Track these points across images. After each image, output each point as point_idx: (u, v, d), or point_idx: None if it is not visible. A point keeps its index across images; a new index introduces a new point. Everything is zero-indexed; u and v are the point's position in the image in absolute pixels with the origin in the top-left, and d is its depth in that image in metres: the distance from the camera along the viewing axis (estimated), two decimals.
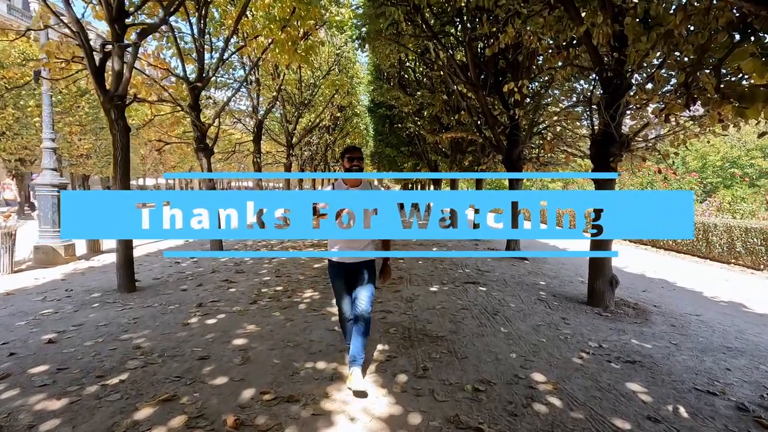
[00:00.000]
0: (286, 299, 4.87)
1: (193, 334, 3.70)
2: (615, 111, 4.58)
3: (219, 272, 6.32)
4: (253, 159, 10.76)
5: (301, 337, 3.70)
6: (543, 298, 5.26)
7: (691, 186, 12.78)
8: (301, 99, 12.87)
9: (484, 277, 6.41)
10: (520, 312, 4.64)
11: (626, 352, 3.57)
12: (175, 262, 7.00)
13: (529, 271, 7.13)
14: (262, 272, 6.36)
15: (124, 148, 4.92)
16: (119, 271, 5.03)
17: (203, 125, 7.87)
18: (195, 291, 5.18)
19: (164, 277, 5.92)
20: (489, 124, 8.19)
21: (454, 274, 6.63)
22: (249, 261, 7.28)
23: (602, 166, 4.92)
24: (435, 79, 11.61)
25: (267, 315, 4.27)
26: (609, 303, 4.98)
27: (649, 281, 6.99)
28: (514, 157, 8.08)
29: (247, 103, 11.14)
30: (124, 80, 4.80)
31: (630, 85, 4.63)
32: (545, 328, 4.12)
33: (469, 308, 4.72)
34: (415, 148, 17.88)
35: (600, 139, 4.90)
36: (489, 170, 11.57)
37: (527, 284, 6.07)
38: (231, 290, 5.25)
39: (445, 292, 5.39)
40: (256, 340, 3.60)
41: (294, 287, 5.46)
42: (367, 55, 15.12)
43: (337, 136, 21.73)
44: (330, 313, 4.37)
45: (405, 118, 15.11)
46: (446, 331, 3.96)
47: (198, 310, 4.37)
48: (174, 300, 4.77)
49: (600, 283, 5.03)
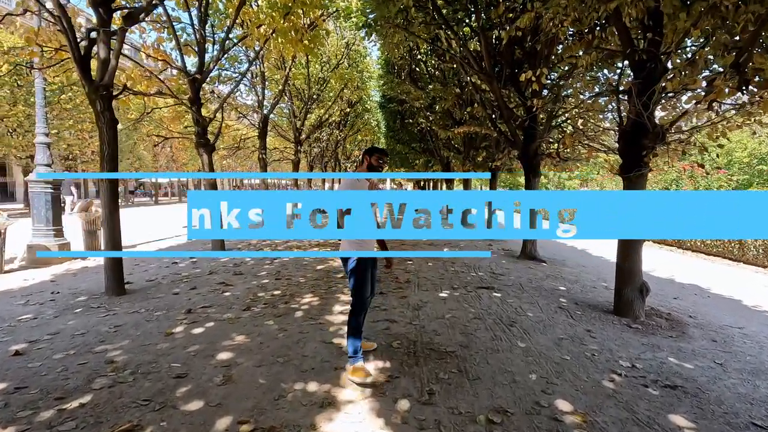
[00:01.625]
0: (283, 305, 4.50)
1: (174, 345, 3.35)
2: (648, 99, 4.07)
3: (217, 274, 6.00)
4: (259, 155, 10.44)
5: (293, 351, 3.32)
6: (564, 307, 4.78)
7: (720, 184, 12.03)
8: (310, 94, 12.50)
9: (498, 282, 5.95)
10: (539, 323, 4.18)
11: (664, 374, 3.10)
12: (173, 263, 6.71)
13: (548, 274, 6.63)
14: (261, 274, 6.01)
15: (112, 142, 4.61)
16: (107, 273, 4.73)
17: (204, 120, 7.56)
18: (187, 295, 4.85)
19: (158, 279, 5.61)
20: (504, 117, 7.69)
21: (466, 277, 6.18)
22: (250, 261, 6.94)
23: (632, 161, 4.42)
24: (447, 72, 11.13)
25: (259, 324, 3.90)
26: (639, 313, 4.48)
27: (679, 287, 6.43)
28: (530, 153, 7.58)
29: (253, 98, 10.81)
30: (111, 68, 4.47)
31: (665, 69, 4.12)
32: (568, 343, 3.65)
33: (482, 318, 4.27)
34: (427, 144, 17.41)
35: (630, 130, 4.40)
36: (504, 167, 11.05)
37: (546, 290, 5.59)
38: (225, 294, 4.91)
39: (455, 299, 4.95)
40: (243, 354, 3.23)
41: (293, 291, 5.09)
42: (378, 48, 14.68)
43: (347, 132, 21.35)
44: (328, 323, 3.98)
45: (416, 113, 14.65)
46: (456, 345, 3.53)
47: (186, 317, 4.03)
48: (163, 305, 4.43)
49: (628, 291, 4.53)
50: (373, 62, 17.91)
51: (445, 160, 16.24)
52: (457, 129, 9.07)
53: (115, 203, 4.73)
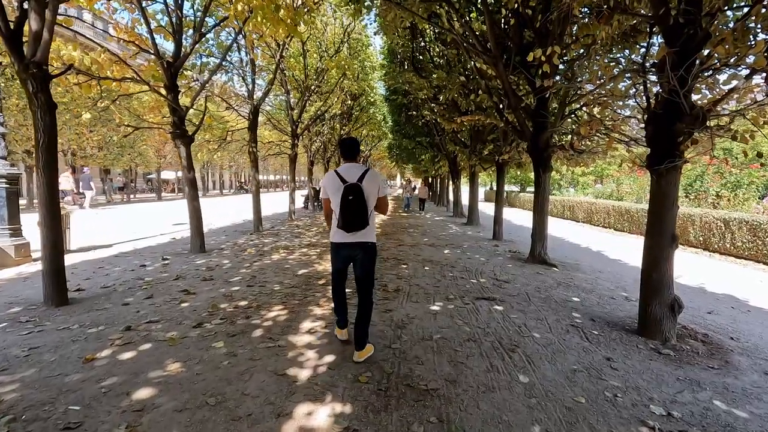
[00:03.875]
0: (243, 320, 3.83)
1: (87, 378, 2.70)
2: (686, 72, 3.28)
3: (184, 279, 5.36)
4: (249, 149, 9.80)
5: (233, 386, 2.64)
6: (578, 324, 4.02)
7: (752, 180, 11.02)
8: (306, 84, 11.80)
9: (501, 291, 5.20)
10: (546, 346, 3.43)
11: (711, 426, 2.35)
12: (141, 265, 6.10)
13: (559, 281, 5.86)
14: (233, 280, 5.36)
15: (48, 129, 3.97)
16: (46, 280, 4.12)
17: (181, 109, 6.93)
18: (138, 306, 4.21)
19: (115, 285, 4.99)
20: (511, 104, 6.90)
21: (464, 285, 5.45)
22: (226, 264, 6.30)
23: (663, 150, 3.63)
24: (452, 59, 10.34)
25: (205, 346, 3.24)
26: (669, 334, 3.71)
27: (712, 298, 5.60)
28: (541, 145, 6.78)
29: (244, 88, 10.16)
30: (44, 43, 3.84)
31: (708, 35, 3.31)
32: (583, 377, 2.91)
33: (477, 339, 3.54)
34: (433, 138, 16.62)
35: (661, 113, 3.61)
36: (512, 161, 10.24)
37: (556, 301, 4.83)
38: (183, 305, 4.26)
39: (449, 313, 4.22)
40: (167, 391, 2.56)
41: (262, 302, 4.42)
42: (379, 35, 13.90)
43: (351, 127, 20.64)
44: (290, 345, 3.30)
45: (421, 105, 13.87)
46: (441, 379, 2.81)
47: (121, 337, 3.38)
48: (103, 319, 3.80)
49: (657, 307, 3.75)
50: (376, 53, 17.16)
51: (451, 155, 15.45)
52: (460, 119, 8.29)
53: (54, 201, 4.10)
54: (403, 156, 28.54)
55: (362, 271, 3.04)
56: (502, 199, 10.50)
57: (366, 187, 2.94)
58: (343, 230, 2.96)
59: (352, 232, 2.96)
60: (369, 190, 2.96)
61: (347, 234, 2.97)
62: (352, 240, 2.99)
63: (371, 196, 2.99)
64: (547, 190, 7.05)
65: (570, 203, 17.68)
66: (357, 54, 13.99)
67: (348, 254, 3.06)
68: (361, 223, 2.93)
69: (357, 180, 2.94)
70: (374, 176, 3.02)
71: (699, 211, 9.97)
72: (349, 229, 2.93)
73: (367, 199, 2.94)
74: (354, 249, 3.02)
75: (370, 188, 2.96)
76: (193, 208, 7.22)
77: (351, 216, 2.90)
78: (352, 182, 2.92)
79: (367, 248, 3.03)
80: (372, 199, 3.01)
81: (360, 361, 3.03)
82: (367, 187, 2.95)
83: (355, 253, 3.03)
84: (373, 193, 3.00)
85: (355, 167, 3.04)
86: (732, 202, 10.86)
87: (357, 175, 2.96)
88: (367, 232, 3.00)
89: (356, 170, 3.00)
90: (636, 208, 12.82)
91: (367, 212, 2.94)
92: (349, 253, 3.05)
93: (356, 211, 2.89)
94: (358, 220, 2.91)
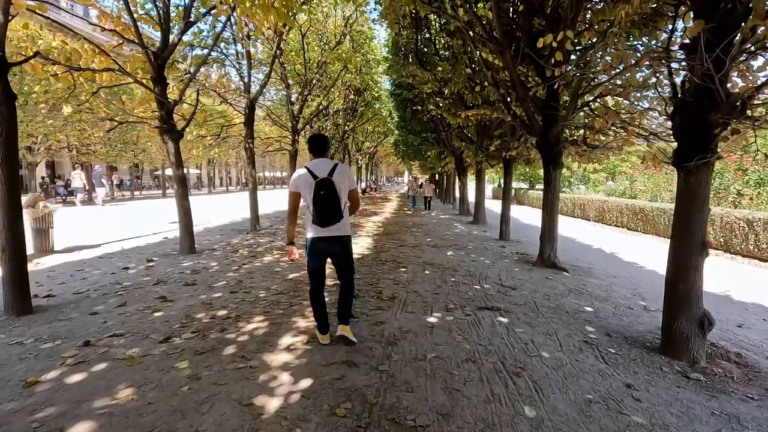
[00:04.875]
0: (216, 334, 3.45)
1: (22, 408, 2.34)
2: (723, 53, 2.81)
3: (165, 284, 5.01)
4: (245, 145, 9.43)
5: (187, 419, 2.26)
6: (592, 341, 3.58)
7: None
8: (308, 78, 11.40)
9: (507, 299, 4.77)
10: (557, 369, 3.00)
11: None
12: (123, 268, 5.76)
13: (570, 288, 5.40)
14: (217, 285, 4.99)
15: (6, 122, 3.62)
16: (6, 287, 3.78)
17: (168, 102, 6.57)
18: (107, 315, 3.86)
19: (90, 290, 4.65)
20: (519, 97, 6.42)
21: (467, 291, 5.02)
22: (214, 267, 5.94)
23: (693, 145, 3.16)
24: (457, 50, 9.85)
25: (167, 367, 2.86)
26: (698, 355, 3.25)
27: (741, 308, 5.10)
28: (550, 139, 6.30)
29: (240, 80, 9.77)
30: None
31: (748, 9, 2.83)
32: (600, 411, 2.47)
33: (477, 359, 3.12)
34: (439, 134, 16.14)
35: (692, 101, 3.13)
36: (520, 157, 9.75)
37: (567, 311, 4.39)
38: (156, 315, 3.90)
39: (447, 326, 3.80)
40: (108, 426, 2.18)
41: (243, 311, 4.04)
42: (385, 29, 13.42)
43: (356, 122, 20.23)
44: (263, 366, 2.91)
45: (426, 99, 13.39)
46: (432, 412, 2.40)
47: (76, 354, 3.02)
48: (64, 331, 3.45)
49: (683, 323, 3.29)
50: (380, 47, 16.68)
51: (457, 151, 14.97)
52: (465, 113, 7.82)
53: (15, 200, 3.75)
54: (409, 152, 28.07)
55: (342, 264, 3.20)
56: (509, 196, 10.03)
57: (337, 180, 3.00)
58: (318, 225, 3.01)
59: (327, 227, 3.01)
60: (340, 183, 3.02)
61: (322, 229, 3.03)
62: (327, 234, 3.05)
63: (343, 189, 3.06)
64: (557, 187, 6.58)
65: (581, 201, 17.09)
66: (360, 47, 13.52)
67: (325, 249, 3.10)
68: (336, 217, 3.00)
69: (327, 174, 3.00)
70: (344, 170, 3.09)
71: (719, 211, 9.40)
72: (324, 224, 2.99)
73: (339, 192, 3.01)
74: (331, 243, 3.08)
75: (340, 182, 3.03)
76: (182, 208, 6.88)
77: (325, 210, 2.96)
78: (323, 177, 2.98)
79: (343, 242, 3.13)
80: (344, 192, 3.08)
81: (342, 334, 3.19)
82: (338, 180, 3.01)
83: (332, 248, 3.10)
84: (344, 186, 3.08)
85: (324, 162, 3.10)
86: (755, 201, 10.24)
87: (327, 170, 3.02)
88: (342, 226, 3.08)
89: (326, 165, 3.07)
90: (651, 206, 12.24)
91: (340, 205, 3.01)
92: (326, 248, 3.10)
93: (330, 205, 2.96)
94: (332, 214, 2.98)
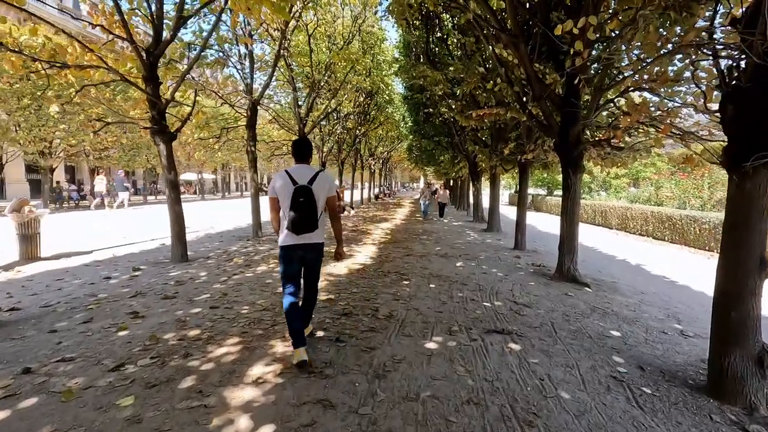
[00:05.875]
0: (178, 360, 2.98)
1: None
2: None
3: (143, 296, 4.60)
4: (247, 148, 9.08)
5: None
6: (622, 376, 2.98)
7: None
8: (314, 79, 11.03)
9: (520, 319, 4.19)
10: (579, 417, 2.43)
11: None
12: (105, 278, 5.39)
13: (593, 306, 4.78)
14: (199, 298, 4.56)
15: None
16: None
17: (160, 102, 6.23)
18: (66, 334, 3.45)
19: (59, 303, 4.26)
20: (535, 93, 5.87)
21: (474, 310, 4.46)
22: (201, 278, 5.52)
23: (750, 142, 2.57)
24: (469, 47, 9.33)
25: (106, 405, 2.40)
26: (757, 400, 2.63)
27: None
28: (570, 140, 5.71)
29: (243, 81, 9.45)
30: None
31: None
32: None
33: (481, 401, 2.57)
34: (452, 138, 15.59)
35: (749, 89, 2.55)
36: (536, 160, 9.12)
37: (590, 336, 3.79)
38: (120, 334, 3.47)
39: (448, 354, 3.26)
40: None
41: (217, 331, 3.57)
42: (396, 30, 12.99)
43: (367, 127, 19.82)
44: (223, 405, 2.42)
45: (438, 102, 12.89)
46: None
47: (9, 384, 2.59)
48: (10, 354, 3.04)
49: (737, 360, 2.69)
50: (392, 49, 16.28)
51: (471, 155, 14.38)
52: (476, 113, 7.28)
53: None
54: (423, 157, 27.52)
55: (312, 272, 3.16)
56: (524, 202, 9.39)
57: (316, 189, 2.92)
58: (293, 233, 2.91)
59: (301, 234, 2.92)
60: (319, 192, 2.95)
61: (297, 236, 2.93)
62: (302, 242, 2.97)
63: (321, 197, 2.99)
64: (577, 193, 5.96)
65: (602, 208, 16.24)
66: (370, 48, 13.12)
67: (302, 256, 3.03)
68: (311, 226, 2.93)
69: (308, 182, 2.92)
70: (324, 179, 3.02)
71: None
72: (299, 232, 2.91)
73: (318, 201, 2.93)
74: (307, 250, 3.01)
75: (320, 190, 2.96)
76: (174, 214, 6.50)
77: (300, 219, 2.88)
78: (303, 184, 2.90)
79: (318, 249, 3.08)
80: (322, 201, 3.01)
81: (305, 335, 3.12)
82: (318, 189, 2.94)
83: (308, 255, 3.04)
84: (323, 194, 3.01)
85: (306, 169, 3.02)
86: None
87: (308, 177, 2.94)
88: (317, 234, 3.02)
89: (307, 172, 2.98)
90: (679, 214, 11.41)
91: (317, 214, 2.94)
92: (303, 255, 3.03)
93: (307, 215, 2.88)
94: (308, 223, 2.90)
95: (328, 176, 3.06)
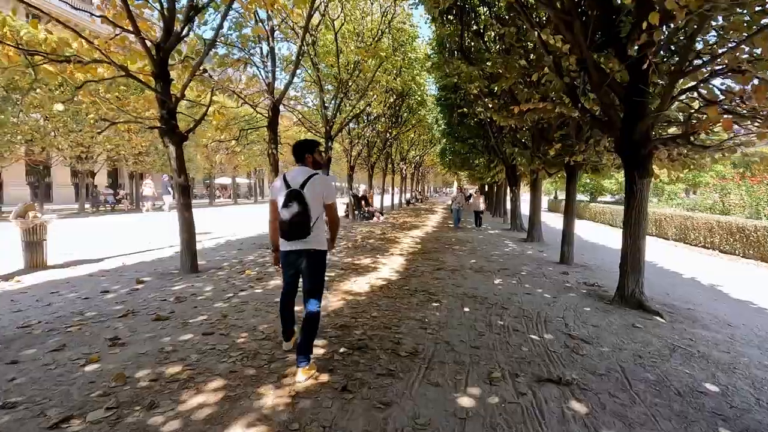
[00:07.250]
0: (139, 414, 2.34)
1: None
2: None
3: (135, 315, 4.06)
4: (269, 150, 8.58)
5: None
6: None
7: None
8: (341, 77, 10.45)
9: (579, 362, 3.30)
10: None
11: None
12: (102, 291, 4.93)
13: (671, 344, 3.80)
14: (194, 320, 3.96)
15: None
16: None
17: (170, 101, 5.78)
18: (26, 366, 2.91)
19: (39, 324, 3.78)
20: (592, 83, 4.95)
21: (520, 345, 3.60)
22: (206, 293, 4.95)
23: None
24: (509, 39, 8.42)
25: None
26: None
27: None
28: (636, 137, 4.74)
29: (262, 82, 9.00)
30: None
31: None
32: None
33: None
34: (488, 141, 14.60)
35: None
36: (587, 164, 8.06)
37: (677, 390, 2.86)
38: (86, 369, 2.89)
39: (488, 417, 2.43)
40: None
41: (201, 368, 2.93)
42: (429, 25, 12.24)
43: (399, 129, 19.14)
44: None
45: (473, 101, 12.00)
46: None
47: None
48: None
49: None
50: (425, 46, 15.53)
51: (508, 159, 13.34)
52: (518, 108, 6.38)
53: None
54: (456, 161, 26.49)
55: (308, 281, 2.86)
56: (572, 210, 8.36)
57: (308, 193, 2.73)
58: (284, 238, 2.77)
59: (292, 240, 2.76)
60: (311, 196, 2.75)
61: (288, 242, 2.78)
62: (293, 247, 2.80)
63: (316, 203, 2.77)
64: (644, 201, 4.97)
65: (656, 216, 14.69)
66: (400, 46, 12.44)
67: (294, 261, 2.84)
68: (302, 233, 2.71)
69: (299, 186, 2.75)
70: (318, 181, 2.80)
71: None
72: (288, 238, 2.74)
73: (310, 206, 2.73)
74: (299, 256, 2.81)
75: (313, 194, 2.76)
76: (184, 221, 6.03)
77: (289, 225, 2.69)
78: (294, 188, 2.74)
79: (311, 255, 2.82)
80: (316, 206, 2.77)
81: (302, 381, 2.72)
82: (309, 193, 2.74)
83: (299, 261, 2.82)
84: (318, 199, 2.79)
85: (301, 171, 2.85)
86: None
87: (301, 180, 2.77)
88: (311, 240, 2.79)
89: (302, 175, 2.82)
90: (754, 225, 9.92)
91: (308, 220, 2.72)
92: (295, 260, 2.84)
93: (297, 221, 2.68)
94: (298, 229, 2.70)
95: (323, 180, 2.83)
